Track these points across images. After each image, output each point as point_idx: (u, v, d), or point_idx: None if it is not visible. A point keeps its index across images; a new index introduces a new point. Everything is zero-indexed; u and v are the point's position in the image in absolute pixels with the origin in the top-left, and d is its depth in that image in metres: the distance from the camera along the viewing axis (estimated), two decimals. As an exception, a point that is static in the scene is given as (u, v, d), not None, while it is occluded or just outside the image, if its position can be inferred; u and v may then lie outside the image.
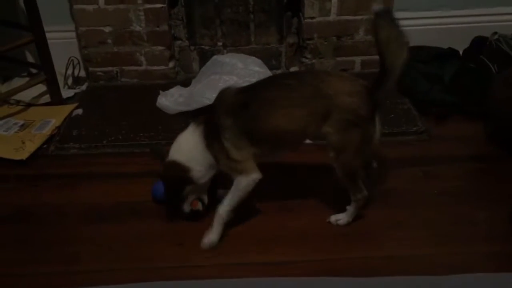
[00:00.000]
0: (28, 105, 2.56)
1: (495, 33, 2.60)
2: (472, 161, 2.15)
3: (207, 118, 1.74)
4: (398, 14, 2.66)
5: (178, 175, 1.73)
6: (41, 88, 2.59)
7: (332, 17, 2.62)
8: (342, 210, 1.84)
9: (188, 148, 1.74)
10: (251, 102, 1.68)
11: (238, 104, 1.68)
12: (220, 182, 1.85)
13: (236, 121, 1.66)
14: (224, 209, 1.71)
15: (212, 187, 1.85)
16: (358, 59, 2.75)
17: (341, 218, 1.81)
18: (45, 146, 2.27)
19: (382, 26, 1.58)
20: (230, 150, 1.67)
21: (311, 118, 1.65)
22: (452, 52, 2.62)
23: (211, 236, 1.73)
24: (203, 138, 1.71)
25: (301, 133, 1.72)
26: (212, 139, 1.70)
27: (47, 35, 2.46)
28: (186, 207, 1.81)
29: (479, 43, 2.63)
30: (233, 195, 1.70)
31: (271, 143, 1.72)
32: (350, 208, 1.80)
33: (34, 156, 2.20)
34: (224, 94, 1.74)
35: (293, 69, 2.82)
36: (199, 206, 1.82)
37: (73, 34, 2.72)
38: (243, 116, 1.66)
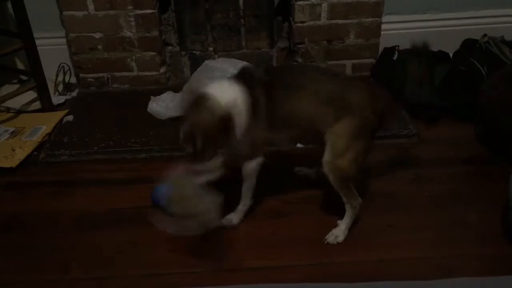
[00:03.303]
0: (19, 112, 2.55)
1: (485, 35, 2.61)
2: (463, 164, 2.16)
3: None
4: (388, 18, 2.71)
5: None
6: (32, 95, 2.57)
7: (323, 21, 2.63)
8: (333, 214, 1.84)
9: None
10: (281, 86, 1.67)
11: (270, 85, 1.67)
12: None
13: (266, 101, 1.65)
14: (245, 197, 1.82)
15: None
16: (349, 63, 2.75)
17: (338, 234, 1.77)
18: (35, 153, 2.26)
19: (413, 62, 1.66)
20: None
21: (329, 116, 1.65)
22: (442, 55, 2.63)
23: (234, 219, 1.83)
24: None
25: (312, 128, 1.71)
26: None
27: (38, 41, 2.45)
28: None
29: (469, 46, 2.63)
30: (247, 183, 1.79)
31: (281, 131, 1.75)
32: (344, 220, 1.78)
33: (24, 163, 2.19)
34: (256, 72, 1.71)
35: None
36: None
37: (64, 41, 2.71)
38: (271, 97, 1.66)
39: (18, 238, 1.85)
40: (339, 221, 1.80)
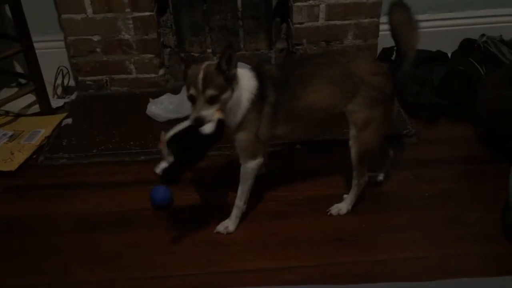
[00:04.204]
0: (17, 115, 2.55)
1: (483, 35, 2.62)
2: (462, 163, 2.16)
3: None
4: (386, 18, 2.70)
5: None
6: (30, 98, 2.58)
7: (321, 22, 2.63)
8: (333, 215, 1.86)
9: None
10: (289, 79, 1.73)
11: (280, 79, 1.73)
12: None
13: (278, 98, 1.71)
14: (239, 200, 1.80)
15: None
16: (347, 64, 2.75)
17: (341, 207, 1.87)
18: (34, 156, 2.26)
19: (394, 12, 1.72)
20: (261, 127, 1.72)
21: (341, 96, 1.73)
22: (441, 54, 2.64)
23: (230, 226, 1.82)
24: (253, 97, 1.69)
25: (329, 111, 1.77)
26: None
27: (36, 45, 2.45)
28: None
29: (467, 46, 2.64)
30: (244, 184, 1.78)
31: (298, 122, 1.80)
32: (349, 196, 1.87)
33: (23, 166, 2.19)
34: (267, 69, 1.77)
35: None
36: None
37: (62, 44, 2.72)
38: (283, 92, 1.72)
39: (18, 241, 1.84)
40: (345, 196, 1.89)
